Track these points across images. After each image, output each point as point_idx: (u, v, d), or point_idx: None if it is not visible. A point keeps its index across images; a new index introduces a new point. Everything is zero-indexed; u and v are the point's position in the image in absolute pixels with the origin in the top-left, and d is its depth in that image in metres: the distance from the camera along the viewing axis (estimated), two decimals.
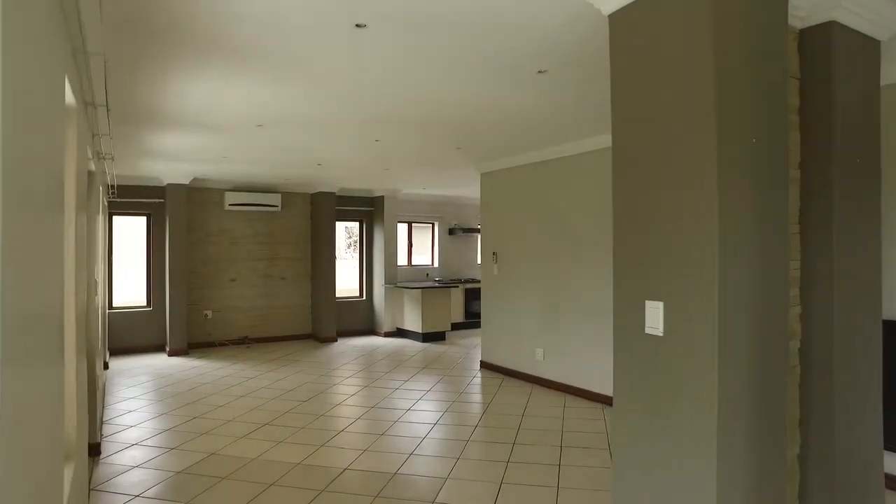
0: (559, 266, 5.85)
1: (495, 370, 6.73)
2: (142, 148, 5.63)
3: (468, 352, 8.09)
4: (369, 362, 7.35)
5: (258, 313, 8.81)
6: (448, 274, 10.84)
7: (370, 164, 6.75)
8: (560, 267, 5.84)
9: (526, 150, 5.90)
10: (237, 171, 7.31)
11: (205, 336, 8.35)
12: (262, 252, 8.85)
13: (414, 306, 9.02)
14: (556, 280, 5.88)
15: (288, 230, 9.09)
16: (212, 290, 8.43)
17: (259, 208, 8.63)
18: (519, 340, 6.39)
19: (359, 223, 10.00)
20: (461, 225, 10.98)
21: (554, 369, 5.91)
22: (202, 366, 7.07)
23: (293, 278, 9.12)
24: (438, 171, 7.34)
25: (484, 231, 7.05)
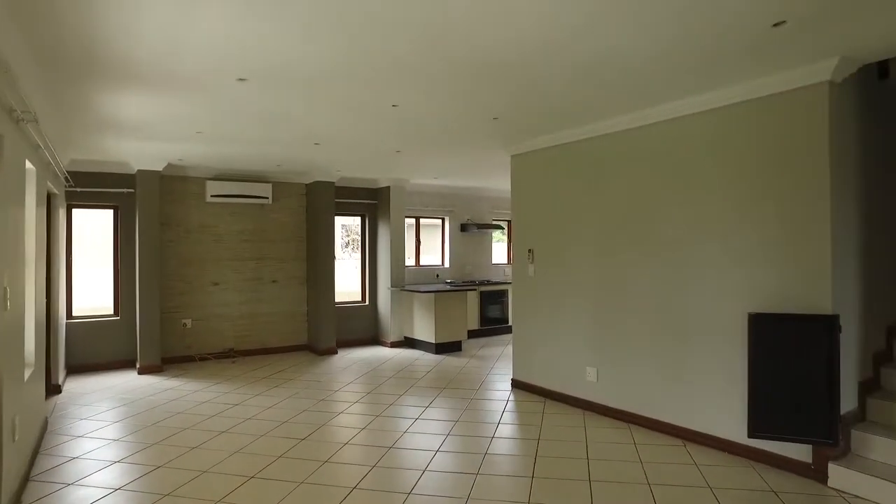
0: (622, 268, 4.72)
1: (531, 391, 5.59)
2: (94, 117, 4.44)
3: (491, 365, 6.95)
4: (378, 381, 6.19)
5: (245, 322, 7.62)
6: (460, 275, 9.70)
7: (380, 142, 5.58)
8: (623, 269, 4.71)
9: (581, 122, 4.76)
10: (219, 153, 6.13)
11: (183, 349, 7.15)
12: (249, 251, 7.66)
13: (425, 313, 7.87)
14: (618, 285, 4.75)
15: (280, 226, 7.90)
16: (191, 296, 7.23)
17: (246, 200, 7.44)
18: (563, 357, 5.26)
19: (360, 218, 8.83)
20: (474, 220, 9.83)
21: (612, 393, 4.78)
22: (177, 387, 5.87)
23: (286, 281, 7.94)
24: (459, 153, 6.19)
25: (516, 225, 5.91)
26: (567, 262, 5.24)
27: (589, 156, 5.02)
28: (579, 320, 5.10)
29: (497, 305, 9.38)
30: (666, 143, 4.34)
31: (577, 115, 4.52)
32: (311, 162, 6.78)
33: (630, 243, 4.62)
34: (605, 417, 4.76)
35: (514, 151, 5.81)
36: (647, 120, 4.41)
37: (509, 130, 5.08)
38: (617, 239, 4.74)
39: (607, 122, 4.68)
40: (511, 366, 6.72)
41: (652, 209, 4.45)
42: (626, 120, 4.54)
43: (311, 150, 5.96)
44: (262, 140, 5.40)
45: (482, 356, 7.59)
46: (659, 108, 4.27)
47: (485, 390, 5.75)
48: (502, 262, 10.48)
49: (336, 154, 6.18)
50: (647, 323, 4.49)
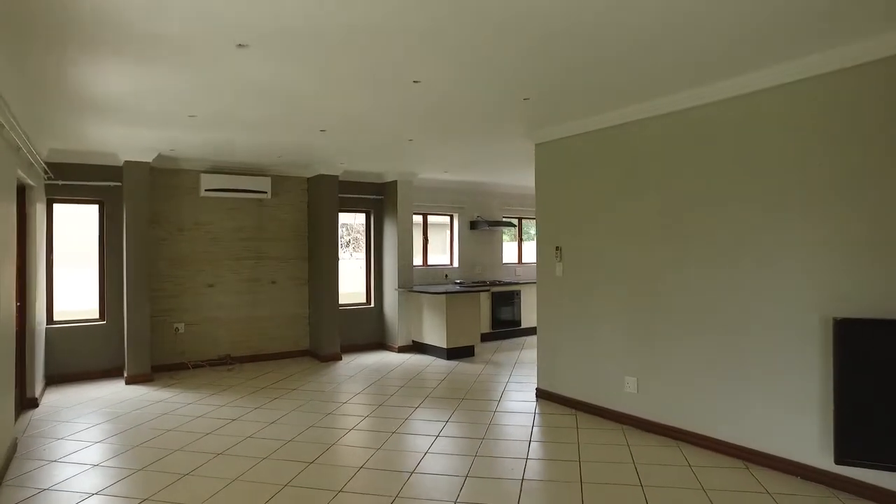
0: (666, 266, 4.21)
1: (559, 402, 5.08)
2: (69, 93, 3.89)
3: (509, 372, 6.44)
4: (388, 391, 5.66)
5: (243, 326, 7.08)
6: (470, 275, 9.18)
7: (393, 128, 5.06)
8: (668, 267, 4.20)
9: (622, 104, 4.24)
10: (214, 142, 5.59)
11: (175, 356, 6.60)
12: (247, 250, 7.12)
13: (436, 315, 7.35)
14: (661, 285, 4.24)
15: (279, 223, 7.37)
16: (184, 299, 6.68)
17: (243, 195, 6.90)
18: (597, 365, 4.75)
19: (365, 215, 8.30)
20: (485, 217, 9.32)
21: (655, 406, 4.27)
22: (169, 399, 5.32)
23: (286, 282, 7.40)
24: (478, 142, 5.68)
25: (541, 221, 5.39)
26: (601, 260, 4.73)
27: (626, 142, 4.51)
28: (616, 325, 4.59)
29: (509, 307, 8.87)
30: (722, 126, 3.83)
31: (621, 95, 4.00)
32: (314, 153, 6.25)
33: (677, 239, 4.12)
34: (649, 434, 4.25)
35: (540, 140, 5.30)
36: (701, 99, 3.90)
37: (538, 114, 4.57)
38: (661, 234, 4.23)
39: (652, 104, 4.16)
40: (532, 373, 6.23)
41: (704, 200, 3.94)
42: (675, 100, 4.03)
43: (316, 139, 5.42)
44: (263, 125, 4.86)
45: (497, 362, 7.07)
46: (716, 85, 3.75)
47: (507, 401, 5.23)
48: (513, 262, 9.97)
49: (343, 143, 5.64)
50: (697, 328, 3.98)
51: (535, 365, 6.76)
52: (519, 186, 9.51)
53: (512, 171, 7.79)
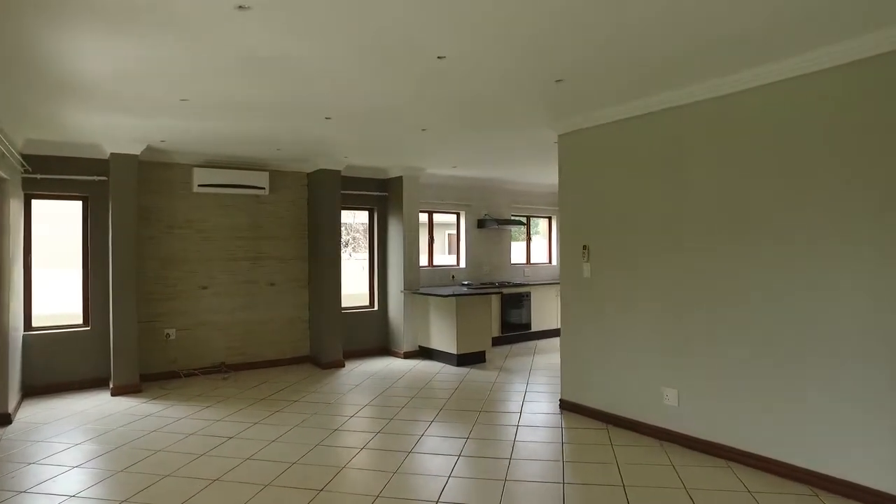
0: (711, 267, 3.79)
1: (586, 415, 4.65)
2: (44, 70, 3.42)
3: (525, 380, 6.00)
4: (398, 402, 5.21)
5: (239, 331, 6.61)
6: (477, 276, 8.74)
7: (407, 115, 4.61)
8: (713, 268, 3.78)
9: (666, 85, 3.80)
10: (208, 133, 5.13)
11: (166, 364, 6.13)
12: (243, 249, 6.65)
13: (445, 319, 6.91)
14: (706, 288, 3.82)
15: (278, 220, 6.90)
16: (175, 302, 6.21)
17: (239, 191, 6.44)
18: (630, 375, 4.32)
19: (368, 212, 7.84)
20: (492, 215, 8.89)
21: (699, 422, 3.85)
22: (159, 413, 4.85)
23: (285, 284, 6.94)
24: (496, 132, 5.24)
25: (565, 218, 4.96)
26: (635, 260, 4.30)
27: (665, 131, 4.09)
28: (652, 331, 4.17)
29: (519, 310, 8.44)
30: (778, 110, 3.42)
31: (668, 75, 3.57)
32: (316, 145, 5.80)
33: (724, 237, 3.69)
34: (692, 451, 3.83)
35: (564, 130, 4.87)
36: (758, 80, 3.48)
37: (566, 100, 4.13)
38: (705, 232, 3.81)
39: (701, 86, 3.74)
40: (550, 381, 5.82)
41: (758, 194, 3.52)
42: (726, 83, 3.61)
43: (320, 128, 4.97)
44: (263, 111, 4.40)
45: (511, 369, 6.63)
46: (776, 65, 3.34)
47: (529, 414, 4.80)
48: (521, 262, 9.54)
49: (349, 132, 5.19)
50: (748, 334, 3.56)
51: (551, 372, 6.37)
52: (528, 183, 9.09)
53: (524, 166, 7.37)
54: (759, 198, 3.52)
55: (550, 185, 9.36)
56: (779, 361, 3.41)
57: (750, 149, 3.58)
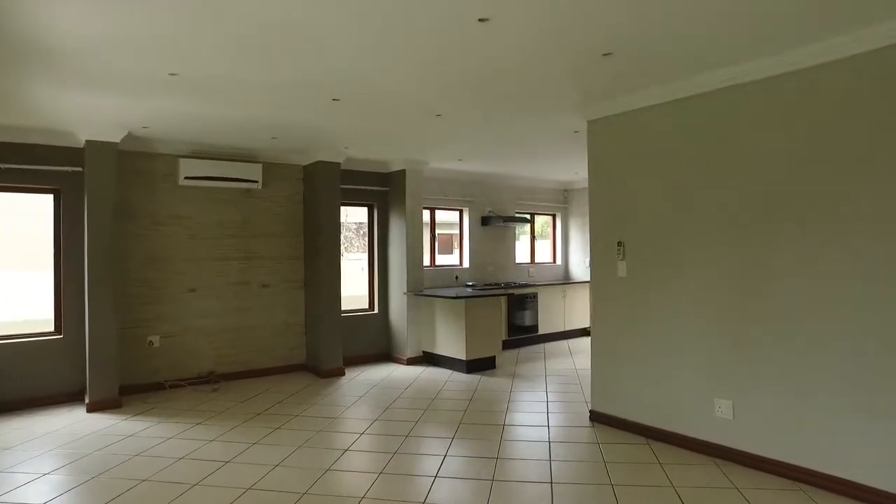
0: (774, 262, 3.37)
1: (622, 428, 4.21)
2: (7, 35, 2.87)
3: (543, 388, 5.55)
4: (410, 415, 4.72)
5: (230, 337, 6.05)
6: (482, 276, 8.28)
7: (424, 97, 4.12)
8: (776, 264, 3.36)
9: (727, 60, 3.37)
10: (197, 118, 4.59)
11: (149, 374, 5.55)
12: (234, 248, 6.10)
13: (453, 323, 6.43)
14: (767, 287, 3.40)
15: (272, 217, 6.36)
16: (159, 306, 5.64)
17: (230, 184, 5.88)
18: (676, 384, 3.89)
19: (367, 208, 7.33)
20: (497, 212, 8.43)
21: (760, 437, 3.42)
22: (141, 433, 4.29)
23: (279, 286, 6.40)
24: (518, 118, 4.77)
25: (595, 211, 4.52)
26: (680, 256, 3.87)
27: (716, 114, 3.66)
28: (702, 335, 3.74)
29: (526, 312, 8.00)
30: (861, 84, 3.01)
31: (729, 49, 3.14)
32: (316, 133, 5.28)
33: (805, 234, 3.27)
34: (753, 471, 3.40)
35: (595, 115, 4.43)
36: (835, 53, 3.07)
37: (609, 78, 3.67)
38: (766, 223, 3.39)
39: (769, 61, 3.32)
40: (570, 389, 5.39)
41: (835, 179, 3.11)
42: (797, 56, 3.19)
43: (325, 112, 4.45)
44: (263, 92, 3.88)
45: (524, 375, 6.18)
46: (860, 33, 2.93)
47: (558, 428, 4.34)
48: (525, 262, 9.10)
49: (358, 117, 4.67)
50: (826, 342, 3.15)
51: (567, 378, 5.93)
52: (534, 179, 8.66)
53: (535, 159, 6.93)
54: (834, 182, 3.11)
55: (557, 180, 8.95)
56: (863, 370, 3.00)
57: (829, 128, 3.16)
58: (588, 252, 9.02)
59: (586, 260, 9.07)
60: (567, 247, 9.43)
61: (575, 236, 9.30)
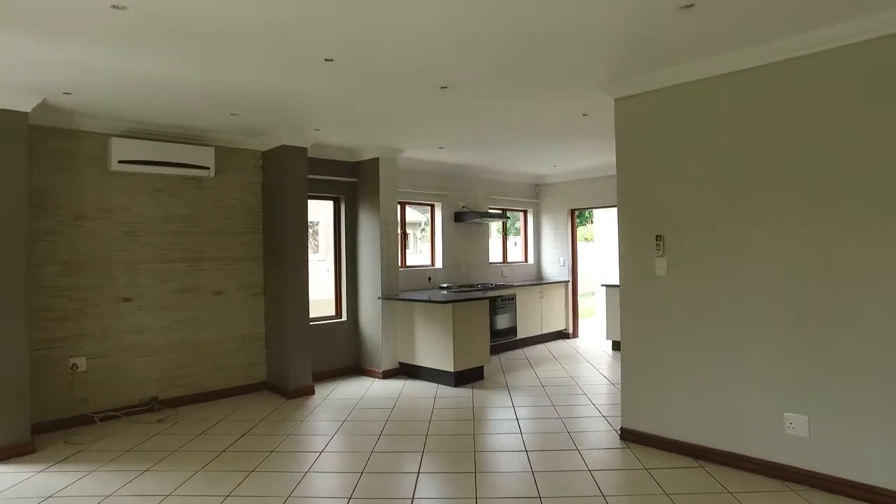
0: (864, 256, 2.92)
1: (663, 447, 3.67)
2: None
3: (547, 402, 4.96)
4: (410, 445, 3.96)
5: (176, 355, 5.03)
6: (456, 278, 7.60)
7: (434, 62, 3.39)
8: (866, 257, 2.91)
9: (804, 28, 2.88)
10: (138, 83, 3.62)
11: (73, 406, 4.46)
12: (180, 248, 5.09)
13: (438, 331, 5.71)
14: (850, 284, 2.95)
15: (225, 210, 5.39)
16: (86, 320, 4.56)
17: (176, 171, 4.88)
18: (732, 397, 3.39)
19: (333, 202, 6.47)
20: (471, 207, 7.79)
21: (844, 457, 2.96)
22: (61, 492, 3.27)
23: (235, 292, 5.43)
24: (532, 93, 4.13)
25: (627, 201, 3.95)
26: (737, 250, 3.37)
27: (784, 89, 3.18)
28: (766, 339, 3.26)
29: (504, 315, 7.41)
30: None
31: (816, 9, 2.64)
32: (287, 110, 4.41)
33: (881, 218, 2.84)
34: (839, 497, 2.94)
35: (626, 91, 3.87)
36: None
37: (673, 42, 3.10)
38: (852, 213, 2.94)
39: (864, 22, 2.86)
40: (580, 402, 4.82)
41: None
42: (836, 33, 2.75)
43: (311, 76, 3.60)
44: (237, 48, 3.01)
45: (519, 387, 5.57)
46: None
47: (590, 451, 3.74)
48: (498, 261, 8.52)
49: (347, 85, 3.84)
50: None
51: (568, 389, 5.36)
52: (506, 172, 8.10)
53: (527, 149, 6.35)
54: None
55: (529, 174, 8.44)
56: None
57: None
58: (559, 250, 8.61)
59: (561, 259, 8.61)
60: (539, 245, 8.93)
61: (548, 234, 8.82)
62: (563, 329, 8.45)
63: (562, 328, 8.41)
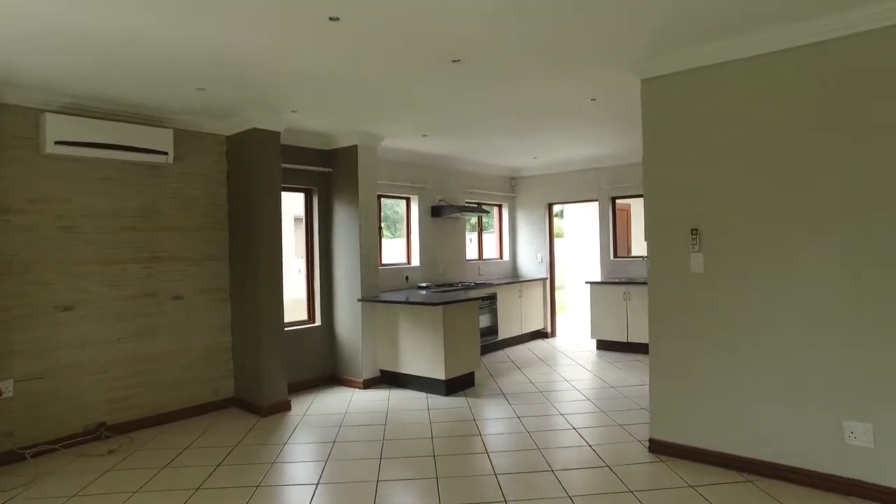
0: None
1: (700, 459, 3.36)
2: None
3: (550, 410, 4.59)
4: (416, 467, 3.47)
5: (128, 372, 4.30)
6: (433, 276, 7.12)
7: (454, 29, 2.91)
8: None
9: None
10: (82, 44, 2.93)
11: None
12: (133, 247, 4.35)
13: (427, 335, 5.22)
14: None
15: (186, 203, 4.68)
16: (13, 335, 3.77)
17: (127, 156, 4.14)
18: (783, 404, 3.11)
19: (305, 194, 5.83)
20: (448, 201, 7.32)
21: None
22: None
23: (197, 297, 4.73)
24: (547, 72, 3.71)
25: (654, 191, 3.61)
26: (788, 244, 3.09)
27: (839, 69, 2.91)
28: (821, 341, 2.98)
29: (486, 315, 7.00)
30: None
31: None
32: (265, 84, 3.79)
33: None
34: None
35: (653, 72, 3.52)
36: None
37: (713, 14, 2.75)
38: None
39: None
40: (585, 409, 4.48)
41: None
42: None
43: (308, 38, 3.02)
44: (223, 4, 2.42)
45: (515, 393, 5.17)
46: None
47: (622, 466, 3.38)
48: (474, 258, 8.10)
49: (348, 54, 3.26)
50: None
51: (568, 395, 4.99)
52: (483, 164, 7.70)
53: (520, 138, 5.95)
54: None
55: (505, 167, 8.06)
56: None
57: None
58: (535, 246, 8.29)
59: (538, 255, 8.30)
60: (515, 241, 8.58)
61: (524, 229, 8.48)
62: (542, 328, 8.14)
63: (540, 327, 8.09)
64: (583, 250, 10.40)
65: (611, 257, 7.49)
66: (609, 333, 6.98)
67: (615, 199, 7.54)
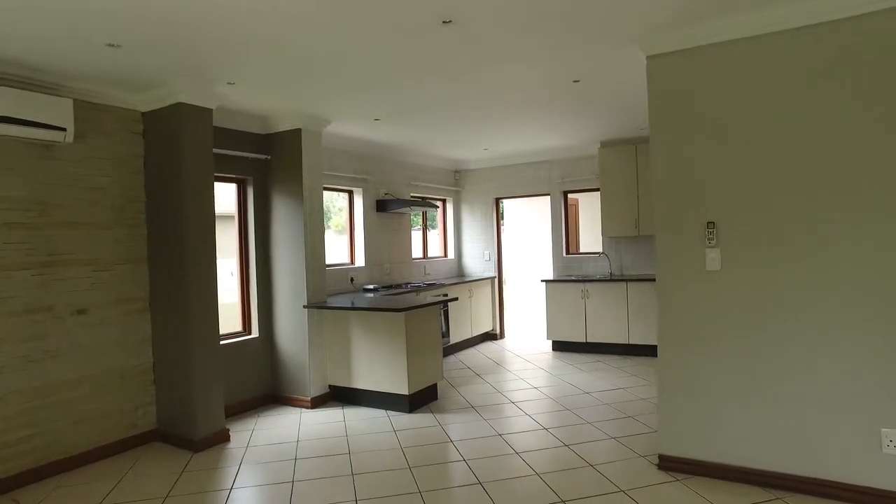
0: None
1: (724, 476, 3.07)
2: None
3: (535, 423, 4.17)
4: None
5: (18, 409, 3.34)
6: (380, 277, 6.50)
7: None
8: None
9: None
10: None
11: None
12: (23, 249, 3.39)
13: (386, 345, 4.61)
14: None
15: (90, 193, 3.74)
16: None
17: (14, 131, 3.18)
18: (811, 413, 2.86)
19: (237, 185, 5.00)
20: (394, 195, 6.72)
21: None
22: None
23: (106, 309, 3.81)
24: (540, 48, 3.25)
25: (664, 181, 3.25)
26: (817, 239, 2.83)
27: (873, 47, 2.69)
28: (854, 344, 2.76)
29: None
30: None
31: None
32: (188, 50, 3.03)
33: None
34: None
35: (662, 48, 3.17)
36: None
37: None
38: None
39: None
40: (570, 421, 4.12)
41: None
42: None
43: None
44: None
45: (486, 406, 4.70)
46: None
47: (634, 489, 3.00)
48: (419, 257, 7.55)
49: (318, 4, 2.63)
50: None
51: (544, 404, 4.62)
52: (427, 155, 7.18)
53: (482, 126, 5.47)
54: None
55: (449, 159, 7.58)
56: None
57: None
58: (482, 243, 7.89)
59: (486, 252, 7.89)
60: (460, 238, 8.12)
61: (469, 225, 8.04)
62: (491, 330, 7.75)
63: (489, 329, 7.70)
64: (522, 247, 10.17)
65: (563, 254, 7.23)
66: (566, 334, 6.70)
67: (567, 193, 7.29)
